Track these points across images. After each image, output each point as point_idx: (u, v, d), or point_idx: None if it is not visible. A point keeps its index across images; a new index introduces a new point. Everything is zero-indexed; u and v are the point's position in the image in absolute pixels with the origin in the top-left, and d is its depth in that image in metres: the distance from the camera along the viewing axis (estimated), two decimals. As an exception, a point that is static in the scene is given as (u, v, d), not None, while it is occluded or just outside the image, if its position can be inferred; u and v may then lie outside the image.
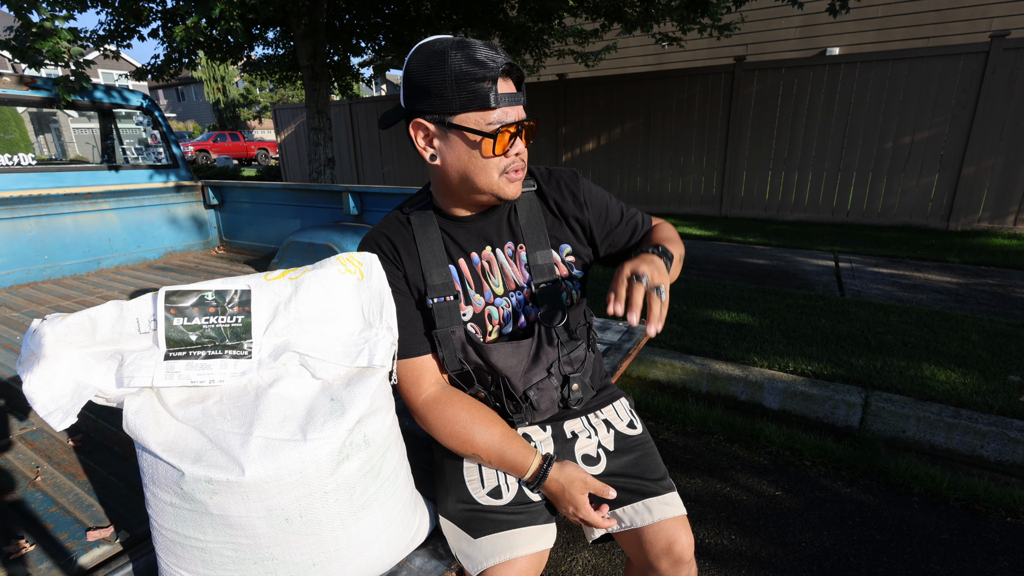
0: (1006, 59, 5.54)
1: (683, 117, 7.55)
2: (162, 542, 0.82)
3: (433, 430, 1.02)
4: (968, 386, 2.50)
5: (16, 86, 2.98)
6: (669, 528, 1.02)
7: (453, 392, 1.04)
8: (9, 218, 2.86)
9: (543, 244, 1.09)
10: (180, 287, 0.83)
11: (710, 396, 2.79)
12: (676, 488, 1.10)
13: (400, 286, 1.04)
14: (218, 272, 3.17)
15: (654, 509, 1.04)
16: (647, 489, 1.06)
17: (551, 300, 1.07)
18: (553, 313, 1.07)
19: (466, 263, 1.07)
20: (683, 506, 1.07)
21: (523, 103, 0.97)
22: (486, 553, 0.97)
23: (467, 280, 1.07)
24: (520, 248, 1.09)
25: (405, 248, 1.05)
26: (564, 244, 1.11)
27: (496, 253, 1.08)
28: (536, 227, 1.09)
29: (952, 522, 1.91)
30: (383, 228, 1.08)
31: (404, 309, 1.03)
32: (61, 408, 0.74)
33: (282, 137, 12.37)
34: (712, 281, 4.29)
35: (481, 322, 1.06)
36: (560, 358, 1.08)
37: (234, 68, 24.66)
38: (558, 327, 1.07)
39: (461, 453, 1.03)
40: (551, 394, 1.08)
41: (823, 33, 8.79)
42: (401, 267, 1.04)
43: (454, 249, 1.07)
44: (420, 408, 1.02)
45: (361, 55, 7.68)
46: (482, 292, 1.07)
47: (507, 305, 1.08)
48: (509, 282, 1.08)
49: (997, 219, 5.94)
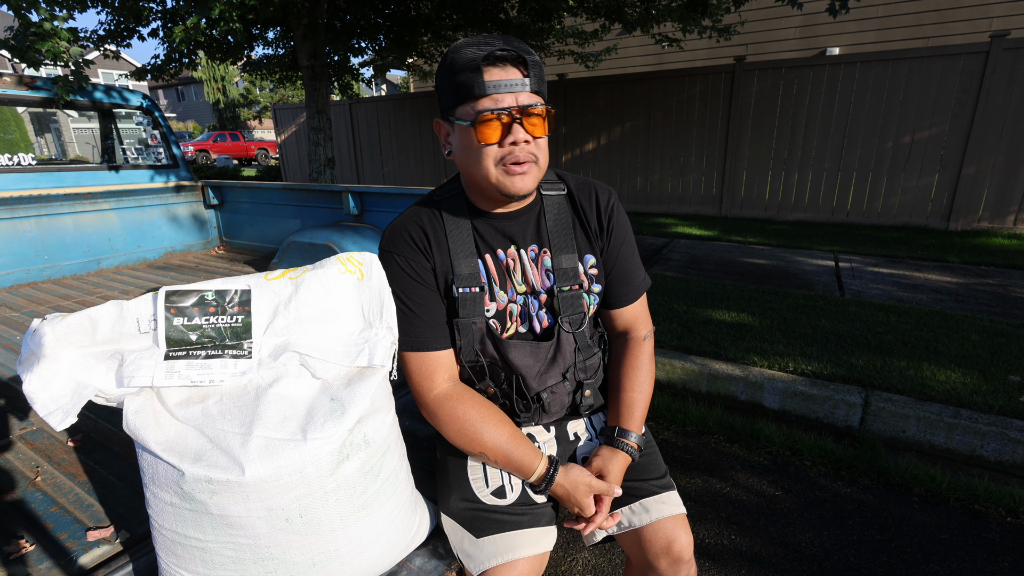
0: (1006, 59, 5.53)
1: (683, 117, 7.55)
2: (162, 542, 0.82)
3: (442, 426, 1.01)
4: (968, 386, 2.50)
5: (16, 86, 2.98)
6: (667, 527, 1.02)
7: (464, 389, 1.03)
8: (9, 218, 2.86)
9: (569, 248, 1.07)
10: (180, 287, 0.83)
11: (710, 396, 2.79)
12: (676, 487, 1.10)
13: (427, 277, 1.02)
14: (218, 272, 3.17)
15: (652, 508, 1.05)
16: (646, 489, 1.07)
17: (573, 306, 1.06)
18: (575, 319, 1.06)
19: (492, 258, 1.06)
20: (682, 505, 1.08)
21: (531, 88, 0.91)
22: (488, 553, 0.97)
23: (492, 276, 1.06)
24: (544, 253, 1.07)
25: (435, 238, 1.03)
26: (589, 255, 1.09)
27: (520, 253, 1.07)
28: (564, 232, 1.08)
29: (952, 522, 1.91)
30: (414, 216, 1.06)
31: (427, 301, 1.01)
32: (61, 408, 0.74)
33: (282, 137, 12.37)
34: (712, 281, 4.29)
35: (502, 319, 1.06)
36: (576, 364, 1.08)
37: (234, 68, 24.66)
38: (579, 332, 1.07)
39: (468, 451, 1.02)
40: (563, 398, 1.09)
41: (823, 33, 8.79)
42: (431, 258, 1.03)
43: (480, 243, 1.06)
44: (431, 403, 1.01)
45: (361, 55, 7.67)
46: (506, 289, 1.06)
47: (526, 305, 1.08)
48: (529, 284, 1.07)
49: (997, 219, 5.94)
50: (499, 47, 0.88)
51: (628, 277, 1.11)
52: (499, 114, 0.90)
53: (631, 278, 1.12)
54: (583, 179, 1.12)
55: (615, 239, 1.10)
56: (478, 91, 0.89)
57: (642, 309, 1.15)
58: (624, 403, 1.08)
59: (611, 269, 1.11)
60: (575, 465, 1.03)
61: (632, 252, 1.12)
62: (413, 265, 1.01)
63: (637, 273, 1.13)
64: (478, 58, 0.88)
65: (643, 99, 7.77)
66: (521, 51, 0.90)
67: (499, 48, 0.88)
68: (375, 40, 7.29)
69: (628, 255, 1.11)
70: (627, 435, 1.05)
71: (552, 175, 1.12)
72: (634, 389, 1.08)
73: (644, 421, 1.10)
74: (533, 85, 0.91)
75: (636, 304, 1.13)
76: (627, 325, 1.14)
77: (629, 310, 1.13)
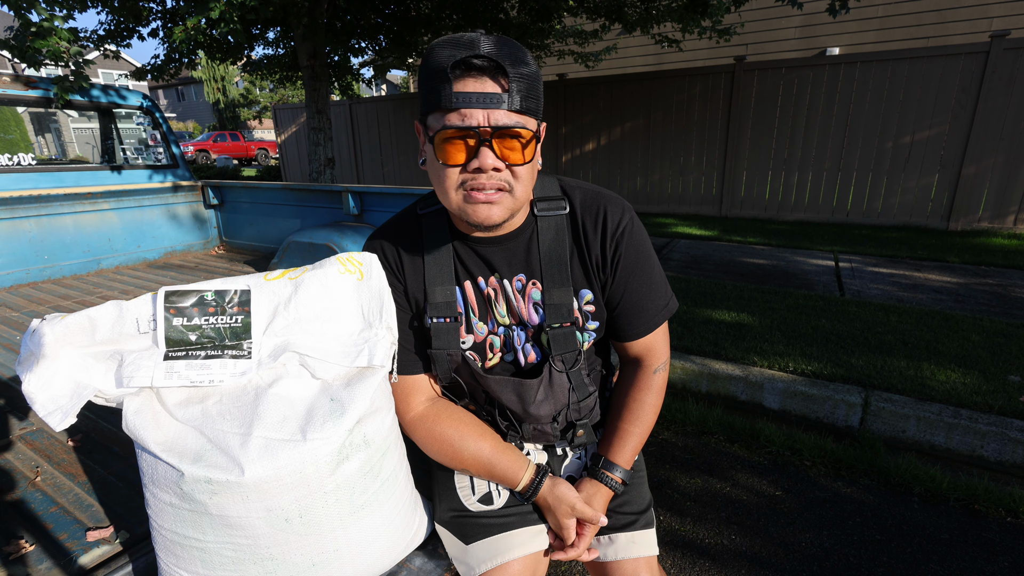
0: (1006, 59, 5.53)
1: (683, 117, 7.55)
2: (162, 542, 0.82)
3: (423, 446, 1.00)
4: (968, 386, 2.50)
5: (16, 86, 2.98)
6: (629, 570, 0.98)
7: (442, 408, 0.99)
8: (9, 218, 2.86)
9: (564, 282, 0.93)
10: (180, 287, 0.83)
11: (710, 396, 2.79)
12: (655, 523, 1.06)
13: (399, 300, 0.97)
14: (218, 272, 3.17)
15: (621, 546, 1.01)
16: (621, 523, 1.02)
17: (566, 344, 0.95)
18: (568, 357, 0.95)
19: (472, 286, 0.96)
20: (655, 546, 1.03)
21: (513, 107, 0.76)
22: (479, 559, 0.96)
23: (471, 305, 0.97)
24: (533, 284, 0.95)
25: (410, 258, 0.96)
26: (586, 291, 0.96)
27: (504, 284, 0.96)
28: (558, 262, 0.93)
29: (952, 522, 1.91)
30: (391, 232, 0.99)
31: (400, 324, 0.97)
32: (61, 408, 0.74)
33: (282, 137, 12.37)
34: (712, 281, 4.29)
35: (481, 351, 0.98)
36: (570, 405, 0.99)
37: (234, 68, 24.67)
38: (573, 372, 0.97)
39: (452, 468, 1.01)
40: (547, 437, 1.02)
41: (823, 33, 8.79)
42: (402, 279, 0.97)
43: (460, 269, 0.96)
44: (408, 425, 0.99)
45: (361, 55, 7.67)
46: (486, 320, 0.97)
47: (509, 337, 0.98)
48: (515, 316, 0.97)
49: (997, 219, 5.94)
50: (475, 52, 0.74)
51: (640, 309, 0.96)
52: (465, 133, 0.77)
53: (643, 310, 0.96)
54: (594, 194, 0.95)
55: (622, 271, 0.94)
56: (445, 103, 0.75)
57: (657, 339, 1.00)
58: (618, 434, 0.99)
59: (618, 303, 0.96)
60: (564, 481, 0.98)
61: (645, 281, 0.95)
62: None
63: (652, 303, 0.96)
64: (448, 64, 0.74)
65: (643, 99, 7.77)
66: (503, 58, 0.74)
67: (474, 54, 0.74)
68: (375, 40, 7.29)
69: (639, 285, 0.95)
70: (612, 468, 0.97)
71: (555, 188, 0.96)
72: (632, 422, 0.99)
73: (636, 456, 1.02)
74: (515, 102, 0.76)
75: (650, 336, 0.98)
76: (639, 355, 1.01)
77: (641, 342, 0.99)
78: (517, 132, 0.77)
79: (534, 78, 0.79)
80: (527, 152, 0.80)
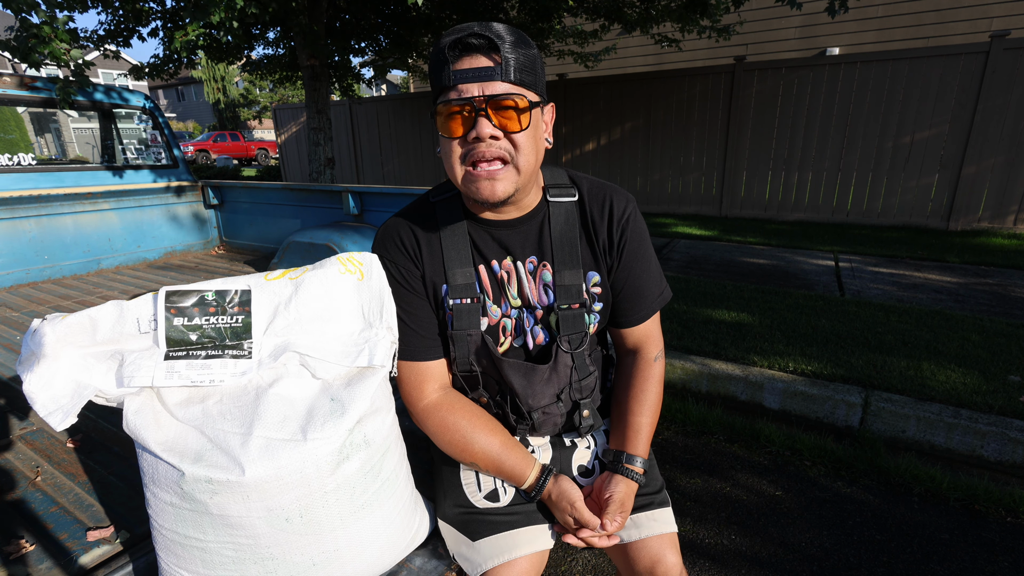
0: (1006, 59, 5.53)
1: (683, 117, 7.55)
2: (162, 542, 0.82)
3: (433, 435, 1.00)
4: (968, 386, 2.50)
5: (16, 86, 2.98)
6: (655, 546, 0.99)
7: (455, 398, 1.00)
8: (9, 218, 2.86)
9: (574, 264, 0.98)
10: (180, 287, 0.83)
11: (710, 396, 2.79)
12: (671, 503, 1.07)
13: (416, 285, 0.98)
14: (218, 272, 3.17)
15: (642, 524, 1.01)
16: (639, 503, 1.03)
17: (574, 325, 0.99)
18: (575, 338, 1.00)
19: (486, 270, 1.00)
20: (674, 523, 1.04)
21: (506, 77, 0.81)
22: (485, 555, 0.96)
23: (486, 289, 1.00)
24: (544, 266, 0.99)
25: (427, 243, 0.98)
26: (593, 272, 1.01)
27: (517, 266, 0.99)
28: (569, 245, 0.99)
29: (952, 522, 1.91)
30: (407, 218, 1.00)
31: (417, 310, 0.98)
32: (61, 408, 0.74)
33: (282, 137, 12.37)
34: (712, 281, 4.29)
35: (495, 334, 1.01)
36: (572, 384, 1.02)
37: (234, 68, 24.67)
38: (577, 352, 1.00)
39: (459, 460, 1.01)
40: (555, 419, 1.04)
41: (823, 33, 8.79)
42: (420, 264, 0.98)
43: (475, 252, 0.99)
44: (420, 413, 1.00)
45: (361, 56, 7.67)
46: (499, 303, 1.00)
47: (520, 320, 1.01)
48: (524, 299, 1.00)
49: (997, 219, 5.94)
50: (468, 33, 0.80)
51: (640, 295, 1.02)
52: (462, 106, 0.82)
53: (644, 296, 1.03)
54: (600, 184, 1.02)
55: (627, 256, 1.00)
56: (445, 81, 0.82)
57: (654, 327, 1.07)
58: (631, 427, 1.02)
59: (621, 287, 1.02)
60: (566, 478, 1.00)
61: (646, 267, 1.02)
62: (403, 271, 0.98)
63: (651, 289, 1.03)
64: (445, 46, 0.81)
65: (643, 99, 7.77)
66: (495, 35, 0.80)
67: (468, 34, 0.80)
68: (375, 40, 7.29)
69: (641, 271, 1.01)
70: (633, 461, 0.99)
71: (564, 178, 1.02)
72: (641, 413, 1.02)
73: (650, 444, 1.05)
74: (509, 74, 0.81)
75: (648, 323, 1.05)
76: (637, 344, 1.07)
77: (639, 329, 1.05)
78: (512, 101, 0.82)
79: (530, 55, 0.84)
80: (523, 119, 0.83)
